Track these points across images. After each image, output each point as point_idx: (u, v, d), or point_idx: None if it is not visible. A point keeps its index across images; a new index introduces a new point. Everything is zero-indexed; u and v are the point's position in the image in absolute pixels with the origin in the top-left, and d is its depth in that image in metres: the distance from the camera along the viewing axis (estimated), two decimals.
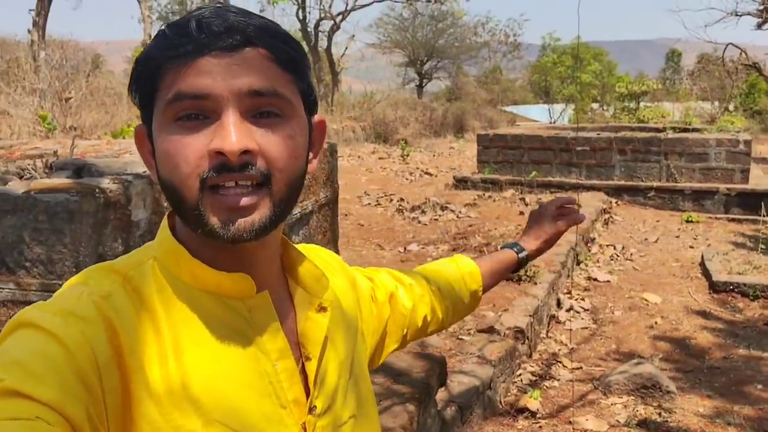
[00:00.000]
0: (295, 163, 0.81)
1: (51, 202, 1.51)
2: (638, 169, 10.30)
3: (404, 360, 3.31)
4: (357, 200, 9.94)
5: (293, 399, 0.85)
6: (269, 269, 0.89)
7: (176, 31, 0.78)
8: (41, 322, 0.72)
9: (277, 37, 0.81)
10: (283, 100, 0.80)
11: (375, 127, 20.41)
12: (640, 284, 6.49)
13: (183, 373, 0.77)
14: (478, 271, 1.39)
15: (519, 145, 11.15)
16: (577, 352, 5.01)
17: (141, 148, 0.87)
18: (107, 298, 0.77)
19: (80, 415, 0.68)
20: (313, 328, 0.91)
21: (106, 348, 0.73)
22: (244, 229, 0.77)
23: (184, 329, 0.80)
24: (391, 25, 33.12)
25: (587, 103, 30.02)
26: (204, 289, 0.83)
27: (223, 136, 0.75)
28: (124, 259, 0.86)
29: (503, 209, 9.10)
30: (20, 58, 11.48)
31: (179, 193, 0.78)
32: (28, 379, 0.66)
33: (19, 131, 8.07)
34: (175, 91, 0.76)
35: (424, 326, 1.28)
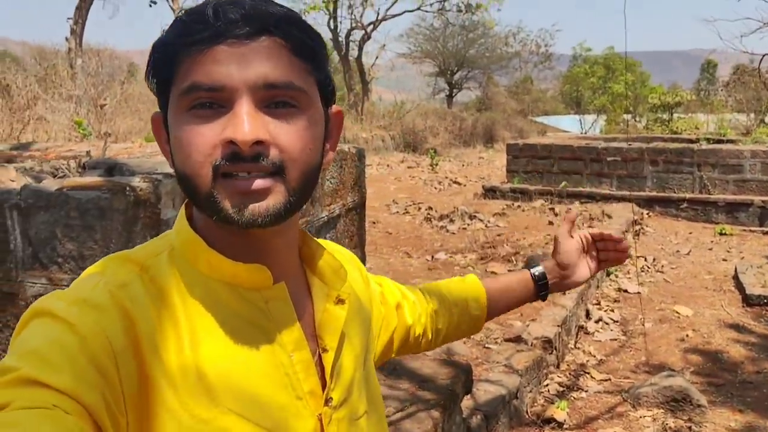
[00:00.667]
0: (309, 154, 0.80)
1: (83, 199, 1.54)
2: (670, 180, 10.17)
3: (429, 366, 3.29)
4: (385, 208, 9.95)
5: (309, 390, 0.85)
6: (287, 260, 0.89)
7: (193, 18, 0.77)
8: (57, 311, 0.73)
9: (295, 25, 0.80)
10: (298, 92, 0.79)
11: (404, 137, 20.44)
12: (671, 296, 6.40)
13: (198, 363, 0.77)
14: (484, 297, 1.33)
15: (549, 154, 11.08)
16: (606, 364, 4.95)
17: (158, 137, 0.87)
18: (124, 288, 0.78)
19: (97, 402, 0.68)
20: (331, 320, 0.90)
21: (121, 336, 0.73)
22: (258, 214, 0.77)
23: (200, 320, 0.80)
24: (421, 35, 33.18)
25: (619, 113, 29.73)
26: (220, 280, 0.83)
27: (236, 126, 0.75)
28: (142, 248, 0.86)
29: (532, 219, 9.04)
30: (57, 65, 11.71)
31: (193, 182, 0.78)
32: (44, 368, 0.67)
33: (55, 136, 8.23)
34: (189, 82, 0.76)
35: (415, 344, 1.26)
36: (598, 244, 1.42)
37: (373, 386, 1.01)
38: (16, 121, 8.73)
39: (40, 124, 9.01)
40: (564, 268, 1.38)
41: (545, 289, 1.38)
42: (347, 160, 2.69)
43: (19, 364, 0.67)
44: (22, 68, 11.66)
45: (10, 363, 0.68)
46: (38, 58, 13.51)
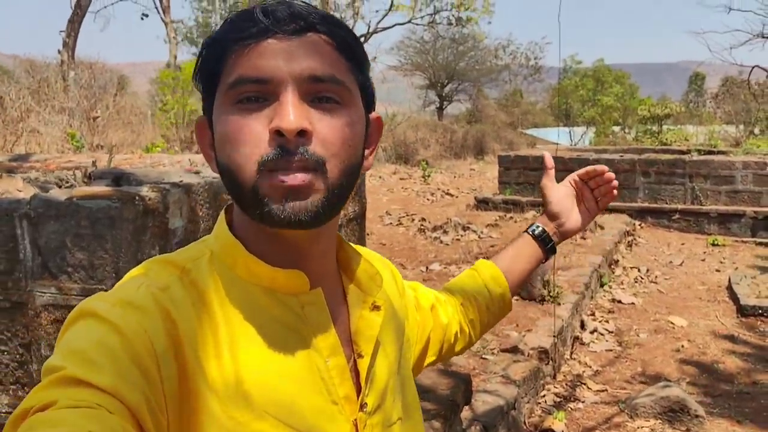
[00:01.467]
0: (349, 151, 0.81)
1: (93, 209, 1.54)
2: (662, 191, 10.23)
3: (429, 377, 3.29)
4: (379, 220, 9.96)
5: (344, 395, 0.86)
6: (323, 265, 0.89)
7: (242, 17, 0.80)
8: (101, 312, 0.74)
9: (340, 26, 0.83)
10: (341, 87, 0.80)
11: (396, 148, 20.48)
12: (665, 307, 6.42)
13: (237, 367, 0.78)
14: (499, 272, 1.32)
15: (540, 166, 11.00)
16: (602, 375, 4.96)
17: (201, 140, 0.88)
18: (165, 290, 0.79)
19: (139, 401, 0.69)
20: (366, 326, 0.91)
21: (163, 338, 0.74)
22: (299, 211, 0.77)
23: (239, 324, 0.81)
24: (412, 47, 33.35)
25: (608, 126, 29.90)
26: (258, 284, 0.83)
27: (282, 116, 0.76)
28: (182, 252, 0.88)
29: None
30: (50, 78, 11.68)
31: (237, 175, 0.78)
32: (88, 367, 0.68)
33: (48, 149, 8.20)
34: (236, 76, 0.78)
35: (455, 343, 1.26)
36: (590, 183, 1.41)
37: (409, 393, 1.01)
38: (9, 134, 8.70)
39: (33, 136, 8.98)
40: (557, 217, 1.38)
41: (549, 241, 1.36)
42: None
43: (63, 363, 0.68)
44: (14, 81, 11.62)
45: (55, 362, 0.69)
46: (30, 71, 13.46)
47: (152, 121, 14.01)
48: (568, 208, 1.38)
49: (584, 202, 1.41)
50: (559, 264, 6.97)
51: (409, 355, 1.07)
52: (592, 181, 1.40)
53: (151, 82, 27.24)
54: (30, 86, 10.85)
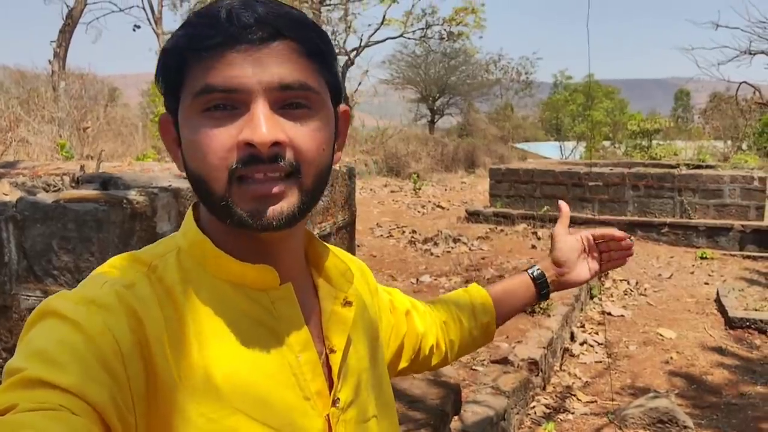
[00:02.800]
0: (323, 155, 0.81)
1: (80, 211, 1.53)
2: (651, 204, 10.27)
3: (419, 387, 3.28)
4: (369, 232, 9.96)
5: (316, 391, 0.85)
6: (294, 261, 0.89)
7: (204, 21, 0.77)
8: (64, 310, 0.72)
9: (307, 28, 0.81)
10: (311, 93, 0.80)
11: (387, 161, 20.52)
12: (654, 319, 6.44)
13: (206, 363, 0.77)
14: (490, 302, 1.32)
15: (531, 179, 11.16)
16: (592, 386, 4.96)
17: (165, 136, 0.86)
18: (131, 288, 0.77)
19: (104, 400, 0.67)
20: (338, 321, 0.90)
21: (128, 336, 0.73)
22: (273, 217, 0.77)
23: (208, 320, 0.80)
24: (404, 61, 33.47)
25: (599, 140, 30.07)
26: (228, 280, 0.82)
27: (254, 128, 0.75)
28: (150, 248, 0.86)
29: (515, 243, 9.08)
30: (40, 88, 11.66)
31: (207, 185, 0.78)
32: (50, 367, 0.66)
33: (37, 158, 8.17)
34: (203, 84, 0.76)
35: (429, 356, 1.25)
36: (601, 245, 1.39)
37: (385, 392, 1.01)
38: None
39: (22, 146, 8.96)
40: (561, 266, 1.35)
41: (545, 287, 1.35)
42: (338, 179, 2.70)
43: (25, 364, 0.67)
44: (3, 91, 11.59)
45: (16, 364, 0.68)
46: (20, 82, 13.43)
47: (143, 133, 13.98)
48: (573, 261, 1.36)
49: (589, 259, 1.38)
50: None
51: (382, 353, 1.05)
52: (605, 243, 1.38)
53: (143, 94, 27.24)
54: (19, 96, 10.82)
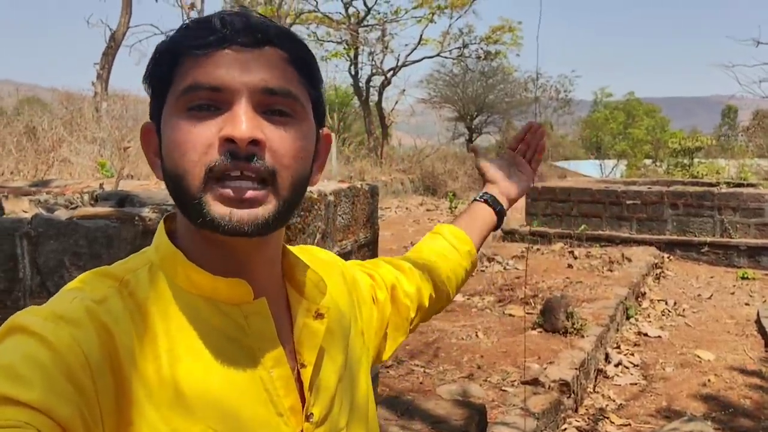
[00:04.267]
0: (300, 164, 0.81)
1: (91, 228, 1.55)
2: (691, 223, 10.07)
3: (443, 407, 3.25)
4: (403, 250, 9.92)
5: (290, 406, 0.84)
6: (269, 275, 0.88)
7: (199, 25, 0.80)
8: (31, 326, 0.71)
9: (296, 41, 0.83)
10: (295, 102, 0.80)
11: (424, 180, 20.52)
12: (692, 341, 6.29)
13: (177, 379, 0.76)
14: (463, 232, 1.38)
15: (568, 198, 11.05)
16: (626, 409, 4.85)
17: (146, 146, 0.86)
18: (102, 303, 0.77)
19: (71, 416, 0.67)
20: (310, 335, 0.89)
21: (97, 351, 0.72)
22: (245, 222, 0.76)
23: (179, 335, 0.79)
24: (441, 80, 33.51)
25: (640, 158, 29.68)
26: (200, 295, 0.82)
27: (234, 124, 0.75)
28: (122, 263, 0.85)
29: (551, 262, 8.97)
30: (83, 109, 11.96)
31: (183, 182, 0.77)
32: (15, 384, 0.65)
33: (78, 177, 8.36)
34: (190, 81, 0.77)
35: (432, 304, 1.28)
36: (521, 149, 1.49)
37: (359, 392, 0.99)
38: (41, 163, 8.89)
39: (65, 165, 9.17)
40: (496, 186, 1.45)
41: (499, 204, 1.43)
42: (359, 197, 2.71)
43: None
44: (48, 112, 11.92)
45: None
46: (65, 103, 13.80)
47: None
48: (504, 176, 1.45)
49: (520, 168, 1.48)
50: (585, 296, 6.89)
51: (361, 352, 1.04)
52: (522, 144, 1.48)
53: None
54: (63, 117, 11.11)
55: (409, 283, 1.23)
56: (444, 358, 5.17)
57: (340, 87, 27.96)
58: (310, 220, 2.31)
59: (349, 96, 27.44)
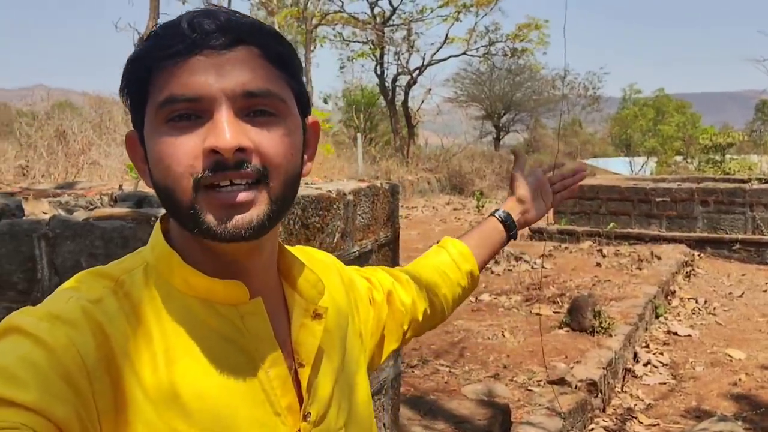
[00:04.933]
0: (291, 161, 0.80)
1: (107, 228, 1.57)
2: (722, 221, 9.91)
3: (466, 407, 3.23)
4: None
5: (287, 406, 0.83)
6: (265, 275, 0.87)
7: (167, 32, 0.77)
8: (27, 326, 0.71)
9: (269, 35, 0.80)
10: (276, 99, 0.79)
11: (450, 179, 20.47)
12: (723, 339, 6.18)
13: (173, 380, 0.76)
14: (469, 251, 1.36)
15: (596, 195, 10.93)
16: (655, 408, 4.79)
17: (133, 155, 0.85)
18: (97, 303, 0.76)
19: (68, 417, 0.66)
20: (307, 335, 0.89)
21: (93, 351, 0.72)
22: (241, 226, 0.75)
23: (175, 336, 0.79)
24: (468, 79, 33.44)
25: (670, 155, 29.30)
26: (196, 296, 0.81)
27: (217, 134, 0.74)
28: (117, 264, 0.85)
29: (579, 261, 8.88)
30: (113, 112, 12.11)
31: (173, 195, 0.77)
32: (11, 385, 0.65)
33: (107, 180, 8.47)
34: (167, 94, 0.75)
35: (425, 320, 1.27)
36: (554, 180, 1.51)
37: (358, 395, 0.98)
38: (71, 166, 9.03)
39: (94, 168, 9.30)
40: (521, 206, 1.44)
41: (513, 227, 1.43)
42: (379, 196, 2.70)
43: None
44: (78, 115, 12.09)
45: None
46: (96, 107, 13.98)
47: None
48: (532, 199, 1.46)
49: (543, 194, 1.48)
50: (613, 294, 6.81)
51: (358, 353, 1.03)
52: (559, 177, 1.50)
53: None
54: (92, 120, 11.26)
55: (406, 293, 1.22)
56: (470, 358, 5.14)
57: (366, 87, 27.99)
58: (329, 220, 2.31)
59: (375, 96, 27.46)
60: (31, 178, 8.05)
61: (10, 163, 9.03)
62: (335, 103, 30.16)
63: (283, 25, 20.11)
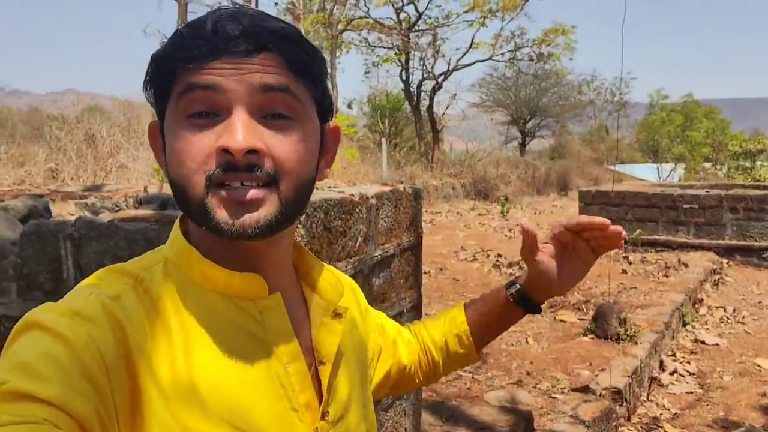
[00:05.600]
0: (303, 167, 0.80)
1: (131, 230, 1.58)
2: (751, 228, 9.75)
3: (488, 413, 3.21)
4: (453, 255, 9.87)
5: (305, 403, 0.84)
6: (281, 272, 0.88)
7: (192, 32, 0.78)
8: (48, 322, 0.72)
9: (293, 41, 0.80)
10: (294, 100, 0.79)
11: (475, 184, 20.39)
12: (752, 349, 6.07)
13: (192, 374, 0.76)
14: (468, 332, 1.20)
15: (622, 202, 10.82)
16: (681, 418, 4.71)
17: (154, 144, 0.87)
18: (116, 299, 0.77)
19: (88, 412, 0.67)
20: (328, 333, 0.89)
21: (113, 348, 0.73)
22: (249, 225, 0.76)
23: (195, 330, 0.79)
24: (493, 84, 33.31)
25: (698, 162, 28.92)
26: (215, 290, 0.82)
27: (231, 134, 0.75)
28: (137, 260, 0.86)
29: (605, 267, 8.77)
30: (140, 116, 12.25)
31: (185, 189, 0.78)
32: (33, 380, 0.66)
33: (135, 183, 8.57)
34: (185, 83, 0.77)
35: (411, 382, 1.22)
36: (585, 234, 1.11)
37: (370, 413, 0.98)
38: (99, 169, 9.14)
39: (122, 171, 9.41)
40: (540, 282, 1.14)
41: (530, 305, 1.18)
42: (402, 200, 2.69)
43: (7, 377, 0.66)
44: (107, 119, 12.26)
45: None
46: (124, 111, 14.17)
47: None
48: (553, 271, 1.12)
49: (577, 253, 1.12)
50: (639, 302, 6.73)
51: (369, 375, 1.04)
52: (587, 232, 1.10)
53: None
54: (120, 124, 11.41)
55: (406, 353, 1.19)
56: (492, 364, 5.11)
57: (391, 92, 28.01)
58: (352, 223, 2.31)
59: (400, 101, 27.46)
60: (60, 181, 8.17)
61: (41, 165, 9.17)
62: (360, 108, 30.21)
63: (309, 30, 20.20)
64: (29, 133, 14.66)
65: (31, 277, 1.69)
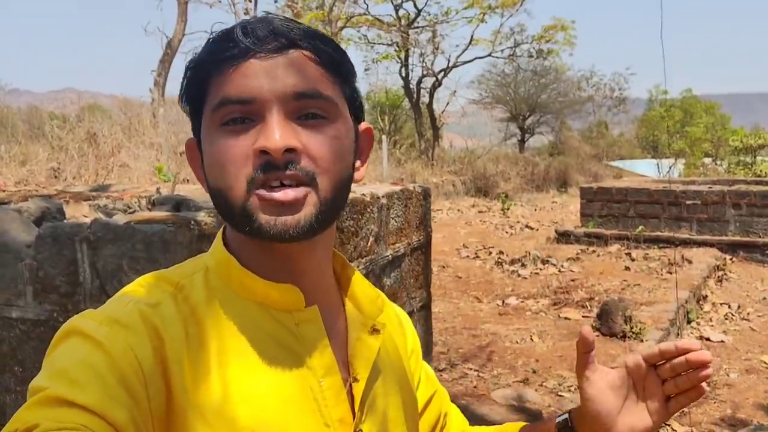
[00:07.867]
0: (340, 164, 0.81)
1: (148, 232, 1.57)
2: (755, 224, 9.74)
3: (498, 413, 3.20)
4: (455, 252, 9.87)
5: (338, 418, 0.83)
6: (320, 283, 0.87)
7: (223, 38, 0.80)
8: (87, 330, 0.73)
9: (322, 40, 0.81)
10: (327, 102, 0.80)
11: (475, 181, 20.38)
12: (758, 345, 6.07)
13: (225, 383, 0.77)
14: None
15: (624, 198, 10.80)
16: (688, 416, 4.70)
17: (192, 162, 0.88)
18: (155, 307, 0.78)
19: (125, 420, 0.67)
20: (364, 349, 0.88)
21: (150, 356, 0.73)
22: (290, 226, 0.76)
23: (231, 340, 0.79)
24: (493, 81, 33.27)
25: (698, 157, 28.91)
26: (253, 300, 0.82)
27: (267, 135, 0.76)
28: (178, 268, 0.87)
29: (607, 264, 8.78)
30: (141, 115, 12.24)
31: (227, 195, 0.78)
32: (72, 387, 0.67)
33: (137, 182, 8.56)
34: (221, 97, 0.78)
35: None
36: (662, 370, 0.91)
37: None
38: (101, 168, 9.13)
39: (124, 170, 9.40)
40: (596, 419, 0.92)
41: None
42: (412, 200, 2.68)
43: (47, 383, 0.68)
44: (108, 118, 12.24)
45: (39, 383, 0.69)
46: (124, 109, 14.15)
47: None
48: (613, 408, 0.92)
49: (648, 397, 0.92)
50: (643, 299, 6.73)
51: (415, 411, 1.00)
52: (666, 366, 0.90)
53: None
54: (122, 123, 11.39)
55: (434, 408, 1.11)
56: (498, 362, 5.10)
57: (390, 89, 27.98)
58: (363, 223, 2.30)
59: (399, 98, 27.44)
60: (63, 180, 8.16)
61: (42, 165, 9.16)
62: None
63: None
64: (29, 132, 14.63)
65: (47, 280, 1.68)
